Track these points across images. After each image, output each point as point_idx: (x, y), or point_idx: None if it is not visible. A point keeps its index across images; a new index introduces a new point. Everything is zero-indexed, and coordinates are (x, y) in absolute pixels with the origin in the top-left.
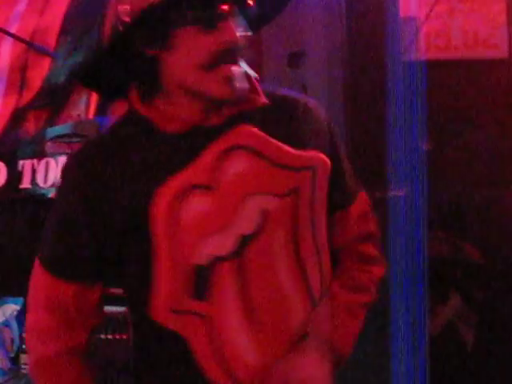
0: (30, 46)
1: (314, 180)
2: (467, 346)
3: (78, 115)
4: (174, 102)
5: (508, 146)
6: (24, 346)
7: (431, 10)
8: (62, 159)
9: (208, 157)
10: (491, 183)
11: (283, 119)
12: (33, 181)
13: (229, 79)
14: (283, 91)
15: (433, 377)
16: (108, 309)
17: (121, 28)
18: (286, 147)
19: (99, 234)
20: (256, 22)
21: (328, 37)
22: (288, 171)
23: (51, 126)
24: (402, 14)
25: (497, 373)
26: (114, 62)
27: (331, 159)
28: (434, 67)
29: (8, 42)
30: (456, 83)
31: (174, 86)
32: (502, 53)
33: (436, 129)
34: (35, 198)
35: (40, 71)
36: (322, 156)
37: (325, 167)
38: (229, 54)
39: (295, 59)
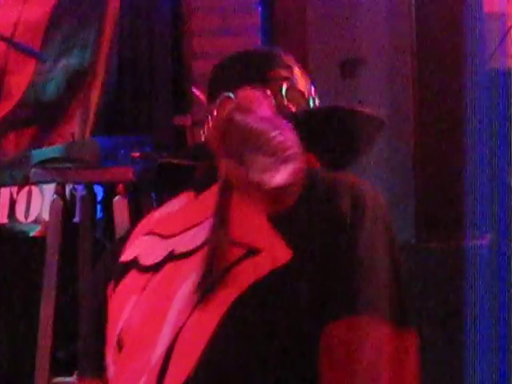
0: (11, 43)
1: None
2: None
3: (72, 134)
4: None
5: None
6: None
7: None
8: (50, 189)
9: None
10: None
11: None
12: (10, 214)
13: None
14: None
15: None
16: None
17: None
18: None
19: None
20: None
21: (392, 40)
22: None
23: (37, 147)
24: (486, 9)
25: None
26: None
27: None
28: None
29: None
30: None
31: None
32: None
33: None
34: (13, 236)
35: (22, 76)
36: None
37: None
38: None
39: (350, 68)
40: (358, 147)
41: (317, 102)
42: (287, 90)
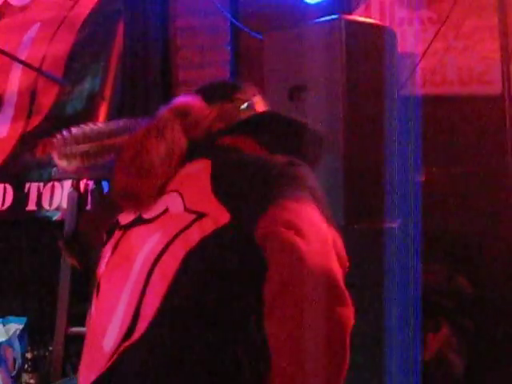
0: (40, 72)
1: None
2: (456, 374)
3: None
4: None
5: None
6: (26, 366)
7: (428, 47)
8: (67, 183)
9: None
10: (487, 215)
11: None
12: (38, 203)
13: None
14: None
15: None
16: None
17: None
18: None
19: None
20: None
21: (328, 72)
22: None
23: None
24: (400, 49)
25: None
26: None
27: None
28: (430, 102)
29: (18, 68)
30: (451, 118)
31: None
32: (495, 89)
33: (430, 161)
34: (40, 220)
35: (48, 97)
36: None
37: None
38: None
39: (297, 93)
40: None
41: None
42: (246, 107)
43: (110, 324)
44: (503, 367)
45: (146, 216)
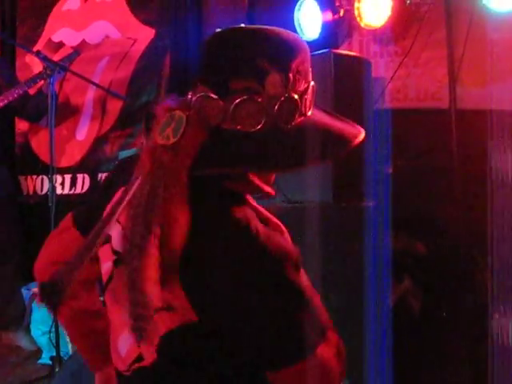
0: (108, 92)
1: None
2: (415, 313)
3: (142, 143)
4: None
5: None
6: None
7: (394, 73)
8: None
9: None
10: (436, 200)
11: None
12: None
13: None
14: None
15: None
16: None
17: None
18: None
19: None
20: None
21: (321, 92)
22: None
23: (123, 150)
24: (374, 75)
25: (436, 332)
26: None
27: None
28: (396, 114)
29: (92, 90)
30: (411, 125)
31: None
32: (444, 104)
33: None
34: None
35: (115, 111)
36: None
37: None
38: None
39: None
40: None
41: (303, 102)
42: (239, 104)
43: (122, 332)
44: (450, 308)
45: None
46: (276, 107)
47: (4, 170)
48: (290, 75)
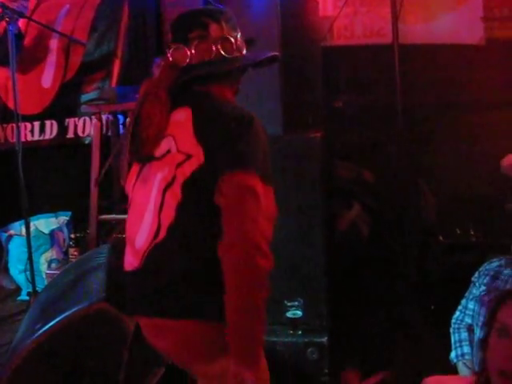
0: (71, 39)
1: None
2: (363, 236)
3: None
4: None
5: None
6: (71, 243)
7: (340, 11)
8: (93, 117)
9: None
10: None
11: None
12: (75, 132)
13: None
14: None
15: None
16: None
17: None
18: None
19: None
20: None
21: (268, 31)
22: None
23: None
24: (321, 13)
25: (381, 251)
26: None
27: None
28: (342, 50)
29: (55, 38)
30: (357, 61)
31: None
32: (388, 40)
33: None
34: (77, 144)
35: (77, 58)
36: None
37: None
38: None
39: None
40: None
41: (235, 41)
42: (196, 45)
43: (139, 228)
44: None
45: (157, 155)
46: (219, 44)
47: None
48: (223, 24)
